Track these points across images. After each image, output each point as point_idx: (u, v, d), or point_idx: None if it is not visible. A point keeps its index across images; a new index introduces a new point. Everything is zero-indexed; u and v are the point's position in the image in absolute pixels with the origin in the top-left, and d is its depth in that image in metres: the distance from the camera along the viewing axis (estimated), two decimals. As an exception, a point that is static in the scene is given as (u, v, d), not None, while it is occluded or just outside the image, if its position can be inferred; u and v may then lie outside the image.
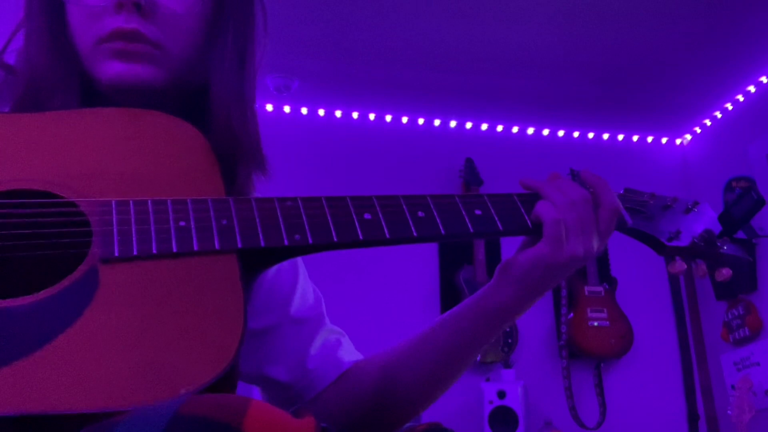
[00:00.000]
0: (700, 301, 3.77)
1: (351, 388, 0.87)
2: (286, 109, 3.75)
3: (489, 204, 0.77)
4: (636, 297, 3.68)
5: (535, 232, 0.77)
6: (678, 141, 4.15)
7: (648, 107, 3.82)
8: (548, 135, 4.01)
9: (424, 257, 3.59)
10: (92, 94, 0.81)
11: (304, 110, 3.77)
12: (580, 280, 3.57)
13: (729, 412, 2.96)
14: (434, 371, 0.84)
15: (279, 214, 0.68)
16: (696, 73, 3.52)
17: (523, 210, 0.78)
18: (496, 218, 0.76)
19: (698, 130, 4.04)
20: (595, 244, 0.78)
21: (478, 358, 3.33)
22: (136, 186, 0.67)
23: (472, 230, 0.75)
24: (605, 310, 3.51)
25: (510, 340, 3.44)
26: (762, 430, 3.13)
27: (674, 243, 0.85)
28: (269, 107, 3.73)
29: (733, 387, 3.27)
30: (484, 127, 3.97)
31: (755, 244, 0.81)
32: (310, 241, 0.67)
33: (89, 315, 0.56)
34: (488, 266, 3.56)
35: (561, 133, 4.03)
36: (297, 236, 0.67)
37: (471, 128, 3.96)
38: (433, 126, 3.91)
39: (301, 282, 0.92)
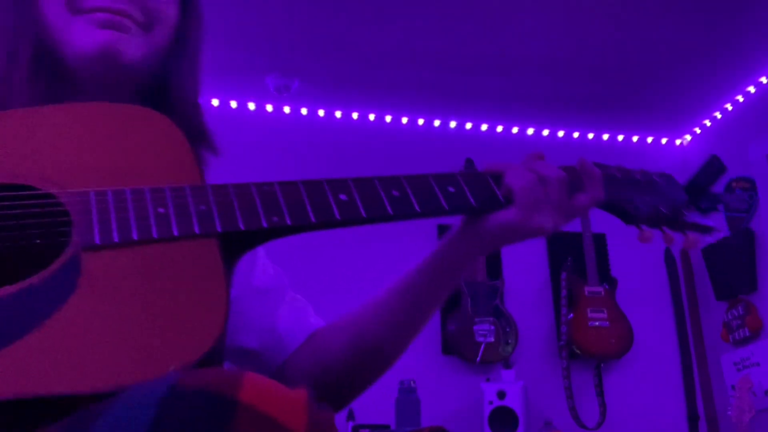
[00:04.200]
0: (700, 301, 3.77)
1: (322, 348, 0.88)
2: (286, 109, 3.75)
3: (461, 181, 0.79)
4: (636, 297, 3.68)
5: (506, 206, 0.80)
6: (678, 141, 4.15)
7: (648, 107, 3.82)
8: (548, 135, 4.02)
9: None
10: (57, 80, 0.81)
11: (304, 110, 3.77)
12: (580, 281, 3.57)
13: (729, 412, 2.96)
14: (402, 322, 0.87)
15: (256, 197, 0.69)
16: (696, 74, 3.52)
17: (494, 185, 0.80)
18: (469, 194, 0.79)
19: (698, 130, 4.04)
20: (565, 221, 0.82)
21: (478, 359, 3.33)
22: (114, 178, 0.67)
23: (446, 207, 0.77)
24: (605, 310, 3.51)
25: (510, 341, 3.44)
26: (762, 431, 3.13)
27: (641, 212, 0.89)
28: (269, 107, 3.73)
29: (733, 387, 3.27)
30: (484, 127, 3.97)
31: (719, 211, 0.87)
32: (289, 222, 0.68)
33: (74, 301, 0.56)
34: (488, 266, 3.56)
35: (561, 133, 4.03)
36: (275, 218, 0.68)
37: (471, 128, 3.97)
38: (433, 126, 3.92)
39: (261, 258, 0.94)
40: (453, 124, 3.94)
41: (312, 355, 0.88)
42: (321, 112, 3.80)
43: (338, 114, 3.81)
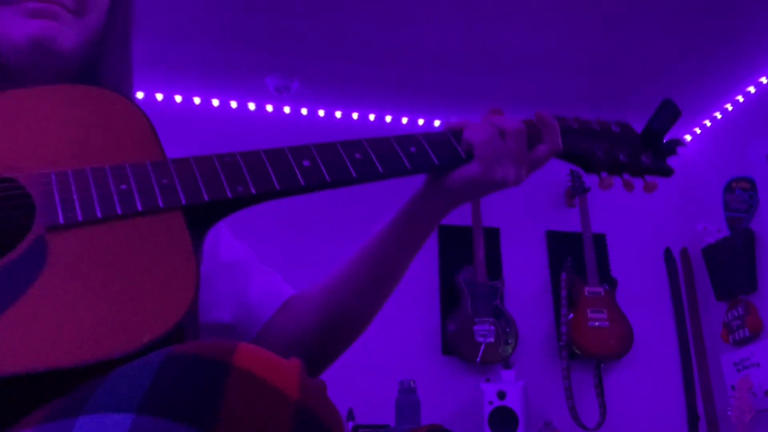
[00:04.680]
0: (700, 302, 3.77)
1: (295, 315, 0.88)
2: (286, 109, 3.75)
3: (423, 141, 0.81)
4: (636, 297, 3.68)
5: (468, 161, 0.81)
6: (678, 141, 4.15)
7: (648, 108, 3.80)
8: (548, 135, 4.01)
9: (424, 258, 3.58)
10: None
11: (304, 111, 3.78)
12: (580, 281, 3.57)
13: (729, 412, 2.96)
14: (373, 283, 0.87)
15: (219, 168, 0.69)
16: (695, 74, 3.52)
17: (455, 142, 0.81)
18: (431, 153, 0.80)
19: (698, 130, 4.04)
20: (527, 173, 0.84)
21: (478, 360, 3.33)
22: (75, 159, 0.67)
23: (409, 166, 0.78)
24: (605, 310, 3.51)
25: (510, 341, 3.44)
26: (762, 431, 3.13)
27: (600, 160, 0.91)
28: (269, 108, 3.73)
29: (733, 387, 3.27)
30: (484, 127, 3.97)
31: (677, 154, 0.90)
32: (253, 191, 0.68)
33: (42, 281, 0.55)
34: (488, 267, 3.56)
35: (561, 133, 4.03)
36: (239, 188, 0.68)
37: (471, 128, 3.96)
38: (433, 126, 3.91)
39: (224, 234, 0.93)
40: (453, 124, 3.94)
41: (286, 324, 0.88)
42: (321, 112, 3.80)
43: (338, 114, 3.81)
